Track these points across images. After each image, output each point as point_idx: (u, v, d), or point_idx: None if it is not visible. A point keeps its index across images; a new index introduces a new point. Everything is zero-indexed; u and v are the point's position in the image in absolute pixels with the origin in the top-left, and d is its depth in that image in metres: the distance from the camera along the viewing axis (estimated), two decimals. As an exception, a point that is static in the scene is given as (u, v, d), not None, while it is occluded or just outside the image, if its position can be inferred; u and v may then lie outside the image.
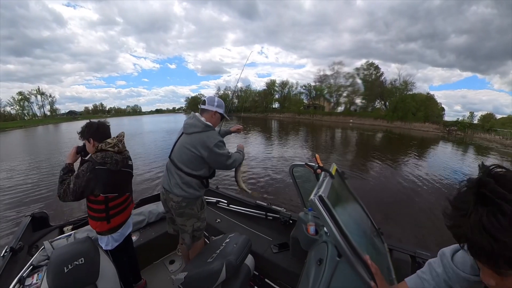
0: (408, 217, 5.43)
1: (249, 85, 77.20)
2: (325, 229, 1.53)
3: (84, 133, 1.67)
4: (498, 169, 0.47)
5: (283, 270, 1.92)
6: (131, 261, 2.02)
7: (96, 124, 1.70)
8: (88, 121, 1.73)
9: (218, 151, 1.72)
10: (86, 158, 1.66)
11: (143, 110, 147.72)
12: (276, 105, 68.74)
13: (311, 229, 1.71)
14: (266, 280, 2.01)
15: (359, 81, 49.63)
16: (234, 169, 1.94)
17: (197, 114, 1.83)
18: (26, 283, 1.67)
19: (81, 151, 1.72)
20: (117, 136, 1.76)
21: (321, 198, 1.03)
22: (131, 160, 1.86)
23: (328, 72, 54.17)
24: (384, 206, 5.96)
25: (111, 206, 1.70)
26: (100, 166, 1.57)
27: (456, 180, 8.60)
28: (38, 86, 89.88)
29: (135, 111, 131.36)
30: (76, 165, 1.71)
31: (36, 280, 1.71)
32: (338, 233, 0.98)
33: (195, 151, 1.70)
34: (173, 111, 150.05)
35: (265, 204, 2.62)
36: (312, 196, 1.05)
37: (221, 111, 1.86)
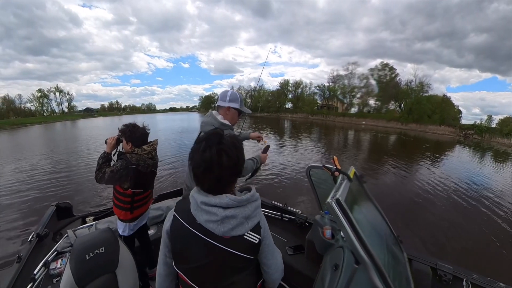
0: (427, 225, 5.25)
1: (262, 84, 76.99)
2: (341, 233, 1.51)
3: (126, 136, 1.90)
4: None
5: (298, 273, 1.89)
6: (147, 249, 2.24)
7: (139, 132, 1.94)
8: (133, 123, 1.95)
9: None
10: (122, 152, 1.93)
11: (157, 108, 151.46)
12: (289, 105, 68.19)
13: (327, 232, 1.69)
14: (280, 282, 2.01)
15: (373, 82, 48.46)
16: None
17: (214, 112, 1.80)
18: (51, 267, 1.82)
19: (119, 143, 1.94)
20: (151, 144, 2.01)
21: (338, 202, 1.00)
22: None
23: (342, 72, 53.38)
24: (401, 212, 5.79)
25: (136, 199, 1.97)
26: (132, 165, 1.83)
27: (476, 188, 8.22)
28: (57, 84, 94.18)
29: (149, 109, 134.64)
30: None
31: (60, 264, 1.86)
32: (355, 239, 0.96)
33: None
34: (187, 109, 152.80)
35: (281, 205, 2.57)
36: (329, 199, 1.02)
37: (235, 105, 1.71)
